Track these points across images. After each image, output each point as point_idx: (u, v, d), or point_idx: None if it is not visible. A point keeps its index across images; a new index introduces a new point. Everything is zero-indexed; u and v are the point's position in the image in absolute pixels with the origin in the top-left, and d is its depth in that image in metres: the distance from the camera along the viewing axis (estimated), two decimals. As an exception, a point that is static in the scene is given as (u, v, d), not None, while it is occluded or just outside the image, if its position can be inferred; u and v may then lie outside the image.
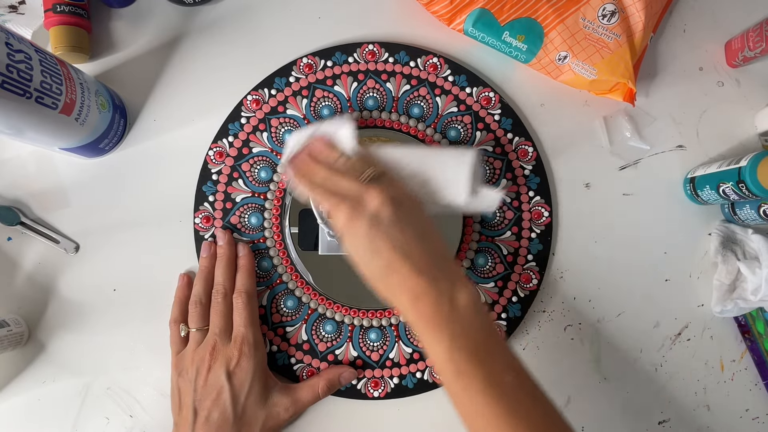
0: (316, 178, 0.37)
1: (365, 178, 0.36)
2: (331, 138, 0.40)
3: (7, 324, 0.41)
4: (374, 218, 0.33)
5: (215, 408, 0.38)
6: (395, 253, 0.32)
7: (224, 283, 0.42)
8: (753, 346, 0.46)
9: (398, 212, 0.34)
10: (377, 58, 0.46)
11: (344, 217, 0.34)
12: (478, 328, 0.32)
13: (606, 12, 0.44)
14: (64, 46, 0.43)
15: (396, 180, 0.38)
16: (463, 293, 0.32)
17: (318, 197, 0.36)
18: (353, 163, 0.38)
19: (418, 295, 0.32)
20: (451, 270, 0.34)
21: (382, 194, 0.34)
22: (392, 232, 0.33)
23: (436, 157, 0.40)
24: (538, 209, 0.46)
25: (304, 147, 0.40)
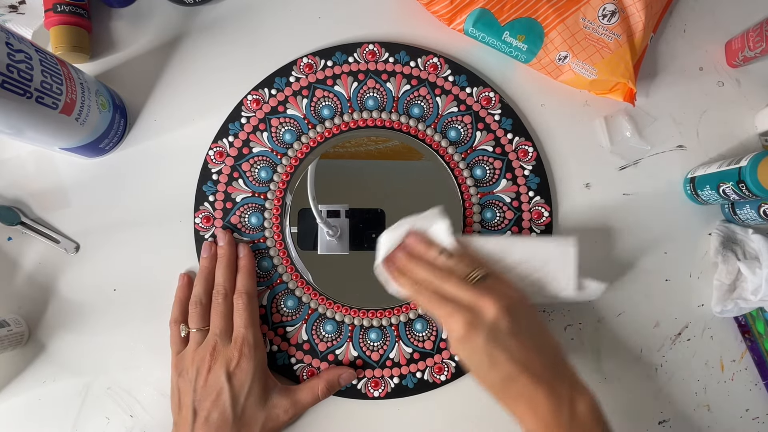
0: (417, 277, 0.37)
1: (472, 280, 0.36)
2: (426, 234, 0.40)
3: (7, 324, 0.41)
4: (492, 330, 0.33)
5: (215, 408, 0.38)
6: (514, 365, 0.33)
7: (225, 284, 0.42)
8: (753, 346, 0.46)
9: (514, 322, 0.34)
10: (377, 57, 0.46)
11: (461, 330, 0.34)
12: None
13: (606, 12, 0.44)
14: (64, 45, 0.43)
15: (505, 280, 0.38)
16: (582, 401, 0.33)
17: (425, 302, 0.36)
18: (455, 262, 0.38)
19: (537, 404, 0.32)
20: (569, 376, 0.34)
21: (497, 303, 0.34)
22: (510, 343, 0.33)
23: (538, 248, 0.40)
24: (538, 209, 0.46)
25: (399, 245, 0.40)
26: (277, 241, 0.45)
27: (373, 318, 0.44)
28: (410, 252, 0.39)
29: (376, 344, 0.44)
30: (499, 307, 0.34)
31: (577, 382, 0.34)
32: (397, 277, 0.39)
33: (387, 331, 0.44)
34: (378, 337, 0.44)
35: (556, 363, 0.34)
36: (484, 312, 0.34)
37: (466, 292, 0.35)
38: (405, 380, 0.44)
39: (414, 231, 0.40)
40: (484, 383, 0.35)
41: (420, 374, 0.44)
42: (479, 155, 0.46)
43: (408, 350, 0.44)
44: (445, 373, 0.44)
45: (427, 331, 0.44)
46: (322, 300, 0.44)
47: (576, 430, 0.32)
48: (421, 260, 0.38)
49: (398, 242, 0.40)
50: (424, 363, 0.44)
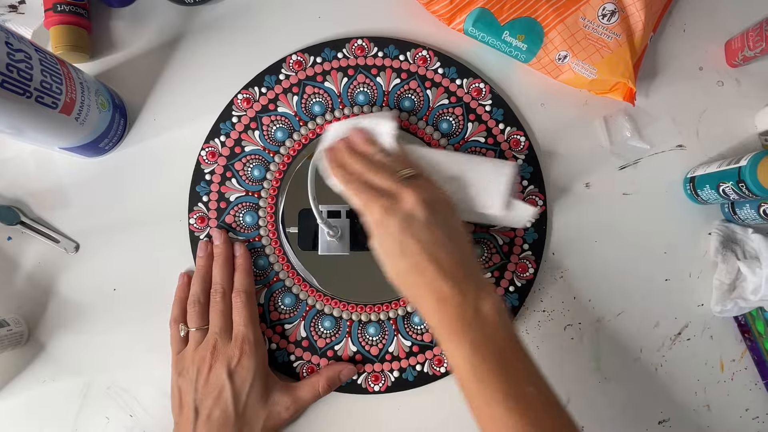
0: (351, 169, 0.37)
1: (402, 177, 0.36)
2: (371, 132, 0.40)
3: (7, 323, 0.41)
4: (407, 218, 0.33)
5: (216, 407, 0.38)
6: (423, 255, 0.33)
7: (222, 283, 0.42)
8: (753, 345, 0.46)
9: (431, 215, 0.34)
10: (366, 53, 0.46)
11: (377, 214, 0.34)
12: (501, 337, 0.32)
13: (606, 11, 0.44)
14: (64, 45, 0.43)
15: (432, 182, 0.37)
16: (488, 301, 0.32)
17: (351, 190, 0.36)
18: (391, 160, 0.38)
19: (443, 299, 0.32)
20: (478, 277, 0.34)
21: (417, 195, 0.34)
22: (423, 233, 0.33)
23: (475, 165, 0.40)
24: (533, 198, 0.46)
25: (342, 138, 0.40)
26: (272, 240, 0.45)
27: (371, 312, 0.44)
28: (351, 146, 0.39)
29: (375, 339, 0.44)
30: (417, 197, 0.34)
31: (485, 284, 0.34)
32: (334, 167, 0.39)
33: (385, 325, 0.44)
34: (376, 331, 0.44)
35: (466, 263, 0.34)
36: (402, 200, 0.34)
37: (392, 183, 0.35)
38: (405, 373, 0.44)
39: (360, 127, 0.40)
40: (392, 271, 0.34)
41: (420, 367, 0.44)
42: (472, 146, 0.46)
43: (407, 343, 0.44)
44: (445, 365, 0.44)
45: (425, 323, 0.44)
46: (320, 296, 0.44)
47: (480, 328, 0.31)
48: (360, 155, 0.38)
49: (344, 135, 0.40)
50: (423, 356, 0.44)
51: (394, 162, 0.38)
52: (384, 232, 0.34)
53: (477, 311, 0.32)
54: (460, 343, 0.31)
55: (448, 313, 0.32)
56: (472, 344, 0.31)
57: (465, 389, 0.32)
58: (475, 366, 0.31)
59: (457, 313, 0.32)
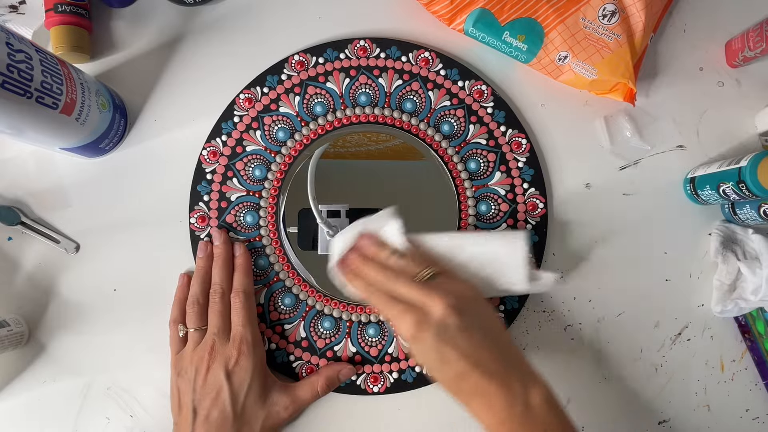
0: (369, 279, 0.37)
1: (422, 278, 0.36)
2: (378, 235, 0.40)
3: (7, 324, 0.41)
4: (441, 328, 0.33)
5: (215, 407, 0.38)
6: (465, 362, 0.33)
7: (221, 283, 0.42)
8: (753, 346, 0.46)
9: (463, 318, 0.34)
10: (369, 53, 0.46)
11: (411, 330, 0.34)
12: (555, 427, 0.32)
13: (606, 12, 0.44)
14: (64, 45, 0.43)
15: (453, 278, 0.38)
16: (536, 393, 0.32)
17: (376, 303, 0.36)
18: (406, 262, 0.38)
19: (491, 400, 0.32)
20: (522, 369, 0.34)
21: (444, 302, 0.34)
22: (459, 340, 0.33)
23: (487, 243, 0.40)
24: (533, 201, 0.46)
25: (351, 247, 0.40)
26: (273, 240, 0.45)
27: (371, 314, 0.44)
28: (363, 253, 0.39)
29: (375, 339, 0.44)
30: (446, 304, 0.34)
31: (530, 373, 0.34)
32: (351, 279, 0.39)
33: (385, 326, 0.44)
34: (376, 332, 0.44)
35: (508, 357, 0.34)
36: (432, 310, 0.34)
37: (416, 291, 0.35)
38: (404, 375, 0.44)
39: (366, 233, 0.40)
40: (439, 381, 0.35)
41: (419, 368, 0.44)
42: (473, 148, 0.46)
43: (407, 345, 0.44)
44: None
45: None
46: (320, 297, 0.44)
47: (531, 422, 0.32)
48: (374, 261, 0.38)
49: (351, 244, 0.40)
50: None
51: (410, 264, 0.38)
52: (421, 346, 0.34)
53: (527, 406, 0.32)
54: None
55: (498, 414, 0.32)
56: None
57: None
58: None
59: (508, 412, 0.32)
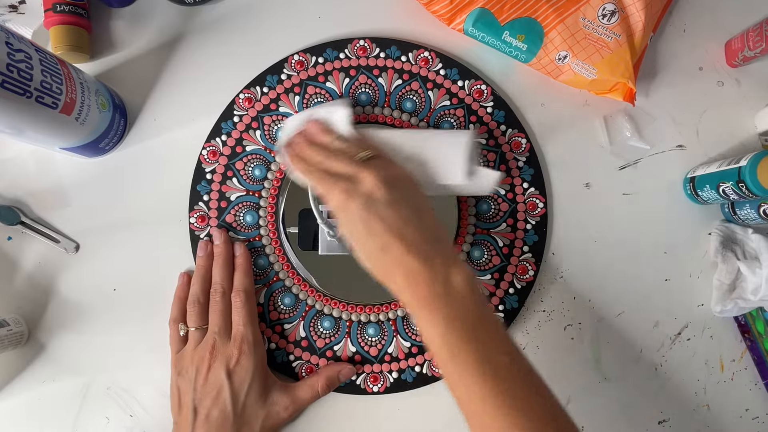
0: (311, 161, 0.37)
1: (360, 159, 0.36)
2: (326, 122, 0.40)
3: (7, 324, 0.41)
4: (368, 199, 0.33)
5: (215, 407, 0.38)
6: (389, 234, 0.33)
7: (222, 282, 0.42)
8: (753, 345, 0.46)
9: (392, 192, 0.34)
10: (368, 53, 0.46)
11: (338, 199, 0.34)
12: (472, 309, 0.32)
13: (606, 12, 0.44)
14: (64, 45, 0.43)
15: (390, 161, 0.38)
16: (458, 274, 0.32)
17: (313, 180, 0.36)
18: (348, 145, 0.38)
19: (412, 275, 0.32)
20: (446, 251, 0.34)
21: (375, 175, 0.34)
22: (386, 212, 0.33)
23: (432, 139, 0.40)
24: (533, 200, 0.46)
25: (300, 131, 0.41)
26: (272, 239, 0.45)
27: (371, 313, 0.44)
28: (308, 137, 0.40)
29: (374, 339, 0.44)
30: (376, 176, 0.34)
31: (453, 256, 0.34)
32: (294, 161, 0.39)
33: (385, 326, 0.44)
34: (376, 332, 0.44)
35: (433, 236, 0.34)
36: (362, 181, 0.34)
37: (350, 167, 0.35)
38: (404, 374, 0.44)
39: (315, 119, 0.41)
40: (362, 253, 0.34)
41: (419, 368, 0.44)
42: None
43: (406, 344, 0.44)
44: None
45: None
46: (319, 297, 0.44)
47: (450, 301, 0.31)
48: (318, 145, 0.39)
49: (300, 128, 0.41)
50: (422, 357, 0.44)
51: (352, 146, 0.38)
52: (348, 215, 0.34)
53: (447, 285, 0.32)
54: (432, 318, 0.31)
55: (418, 289, 0.32)
56: (445, 319, 0.31)
57: (440, 364, 0.32)
58: (448, 341, 0.31)
59: (428, 288, 0.32)
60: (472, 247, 0.45)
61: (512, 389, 0.30)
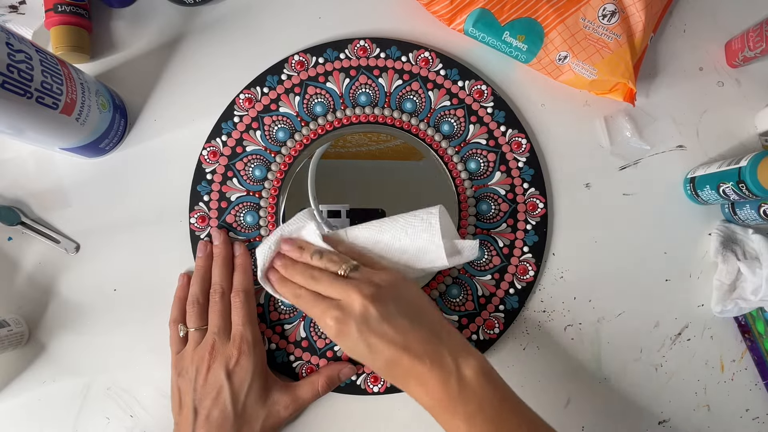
0: (296, 282, 0.38)
1: (345, 273, 0.36)
2: (298, 238, 0.40)
3: (7, 324, 0.41)
4: (361, 320, 0.34)
5: (215, 407, 0.38)
6: (392, 348, 0.33)
7: (221, 283, 0.42)
8: (753, 346, 0.46)
9: (383, 306, 0.34)
10: (369, 53, 0.46)
11: (334, 328, 0.34)
12: (491, 400, 0.32)
13: (606, 12, 0.44)
14: (64, 46, 0.43)
15: (374, 267, 0.38)
16: (468, 366, 0.33)
17: (303, 308, 0.37)
18: (326, 260, 0.38)
19: (424, 380, 0.33)
20: (452, 343, 0.34)
21: (361, 294, 0.34)
22: (382, 329, 0.34)
23: (404, 227, 0.39)
24: (533, 201, 0.46)
25: (274, 255, 0.41)
26: (274, 241, 0.45)
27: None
28: (285, 259, 0.40)
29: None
30: (363, 296, 0.34)
31: (461, 347, 0.34)
32: (279, 287, 0.40)
33: None
34: None
35: (436, 334, 0.34)
36: (351, 305, 0.34)
37: (335, 288, 0.36)
38: None
39: (286, 238, 0.41)
40: (372, 368, 0.35)
41: None
42: (473, 148, 0.46)
43: None
44: None
45: None
46: (321, 299, 0.44)
47: (466, 395, 0.32)
48: (298, 265, 0.39)
49: (274, 252, 0.41)
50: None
51: (330, 262, 0.38)
52: (347, 342, 0.34)
53: (461, 381, 0.32)
54: (454, 420, 0.32)
55: (434, 394, 0.32)
56: (466, 418, 0.32)
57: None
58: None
59: (442, 389, 0.32)
60: (472, 247, 0.45)
61: None
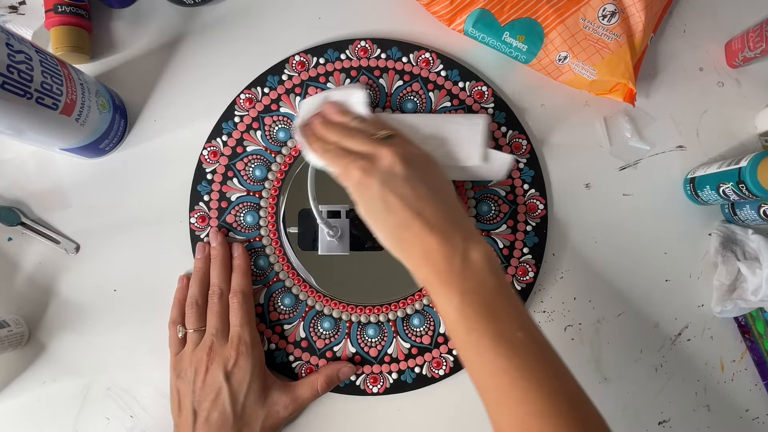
0: (328, 140, 0.37)
1: (378, 138, 0.36)
2: (343, 104, 0.40)
3: (7, 324, 0.41)
4: (387, 175, 0.33)
5: (214, 408, 0.38)
6: (407, 210, 0.32)
7: (220, 284, 0.42)
8: (753, 346, 0.46)
9: (411, 169, 0.34)
10: (369, 54, 0.46)
11: (356, 176, 0.34)
12: (490, 284, 0.32)
13: (606, 12, 0.44)
14: (64, 46, 0.43)
15: (408, 140, 0.38)
16: (476, 250, 0.32)
17: (329, 159, 0.36)
18: (366, 125, 0.38)
19: (431, 251, 0.32)
20: (466, 228, 0.33)
21: (394, 152, 0.34)
22: (405, 189, 0.33)
23: (449, 121, 0.41)
24: (533, 202, 0.46)
25: (316, 112, 0.40)
26: (273, 240, 0.45)
27: (371, 314, 0.44)
28: (326, 118, 0.40)
29: (374, 340, 0.44)
30: (395, 154, 0.34)
31: (472, 232, 0.33)
32: (311, 141, 0.39)
33: (384, 327, 0.44)
34: (376, 333, 0.44)
35: (452, 212, 0.34)
36: (380, 158, 0.34)
37: (368, 145, 0.35)
38: (404, 375, 0.44)
39: (332, 101, 0.41)
40: (379, 230, 0.34)
41: (418, 369, 0.44)
42: None
43: (406, 345, 0.44)
44: (444, 368, 0.44)
45: (424, 326, 0.44)
46: (319, 297, 0.44)
47: (468, 276, 0.31)
48: (335, 125, 0.39)
49: (317, 109, 0.41)
50: (422, 358, 0.44)
51: (370, 126, 0.38)
52: (366, 193, 0.34)
53: (465, 260, 0.32)
54: (449, 293, 0.31)
55: (436, 265, 0.32)
56: (462, 293, 0.31)
57: (455, 340, 0.32)
58: (465, 315, 0.31)
59: (446, 264, 0.31)
60: (472, 247, 0.45)
61: (527, 364, 0.30)
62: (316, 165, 0.39)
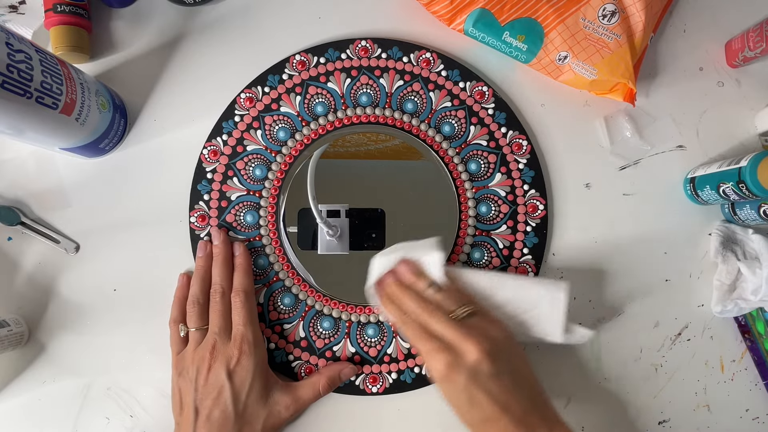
0: (404, 307, 0.38)
1: (458, 317, 0.36)
2: (418, 263, 0.40)
3: (7, 324, 0.41)
4: (473, 372, 0.34)
5: (216, 407, 0.38)
6: (495, 407, 0.33)
7: (222, 283, 0.42)
8: (753, 346, 0.46)
9: (496, 364, 0.34)
10: (370, 54, 0.46)
11: (442, 369, 0.34)
12: None
13: (606, 12, 0.44)
14: (64, 46, 0.43)
15: (489, 319, 0.38)
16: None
17: (409, 335, 0.37)
18: (443, 297, 0.38)
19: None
20: (548, 415, 0.34)
21: (479, 347, 0.34)
22: (490, 385, 0.34)
23: (527, 289, 0.40)
24: (534, 202, 0.46)
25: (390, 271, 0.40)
26: (273, 239, 0.45)
27: (371, 314, 0.44)
28: (400, 280, 0.40)
29: (374, 340, 0.44)
30: (480, 349, 0.34)
31: (555, 418, 0.35)
32: (386, 303, 0.39)
33: (384, 327, 0.44)
34: (375, 333, 0.44)
35: (536, 405, 0.35)
36: (466, 354, 0.34)
37: (451, 331, 0.35)
38: (403, 375, 0.44)
39: (406, 259, 0.40)
40: (464, 421, 0.35)
41: (418, 369, 0.44)
42: (473, 149, 0.46)
43: (405, 345, 0.44)
44: None
45: None
46: (319, 297, 0.44)
47: None
48: (410, 290, 0.38)
49: (390, 267, 0.40)
50: (421, 358, 0.44)
51: (447, 300, 0.38)
52: (450, 386, 0.34)
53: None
54: None
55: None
56: None
57: None
58: None
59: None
60: (472, 248, 0.45)
61: None
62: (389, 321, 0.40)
